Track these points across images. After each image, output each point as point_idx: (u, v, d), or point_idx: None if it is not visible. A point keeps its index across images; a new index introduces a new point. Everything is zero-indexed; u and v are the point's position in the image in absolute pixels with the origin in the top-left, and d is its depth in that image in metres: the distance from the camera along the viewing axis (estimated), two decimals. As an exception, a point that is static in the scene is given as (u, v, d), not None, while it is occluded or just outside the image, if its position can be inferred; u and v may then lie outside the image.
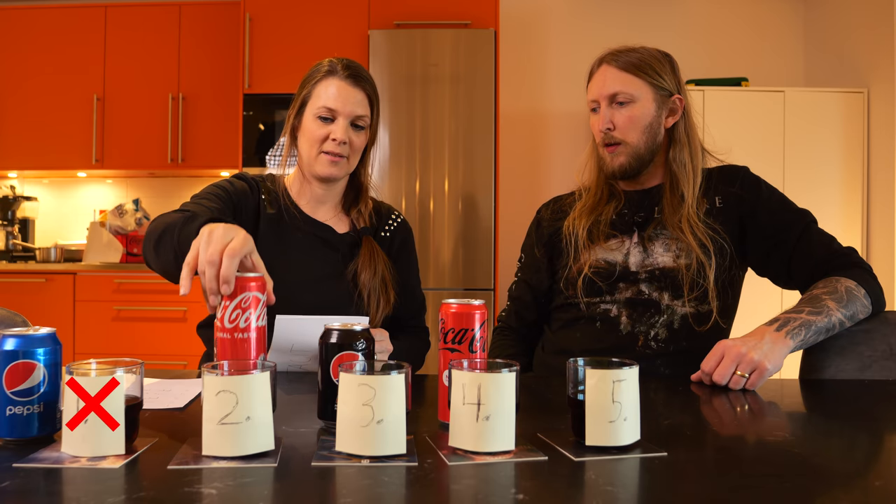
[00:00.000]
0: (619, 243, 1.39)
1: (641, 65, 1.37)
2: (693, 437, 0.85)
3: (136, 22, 3.77)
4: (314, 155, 1.37)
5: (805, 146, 3.46)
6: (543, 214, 1.56)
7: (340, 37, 3.42)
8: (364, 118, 1.38)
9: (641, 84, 1.37)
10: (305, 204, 1.45)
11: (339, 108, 1.35)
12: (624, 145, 1.38)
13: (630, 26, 3.90)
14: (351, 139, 1.36)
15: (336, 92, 1.35)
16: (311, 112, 1.37)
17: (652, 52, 1.40)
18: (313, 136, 1.36)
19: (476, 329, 0.85)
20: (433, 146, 3.29)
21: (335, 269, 1.39)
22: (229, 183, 1.39)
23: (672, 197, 1.38)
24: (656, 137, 1.39)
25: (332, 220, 1.45)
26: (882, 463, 0.80)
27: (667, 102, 1.39)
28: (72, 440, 0.71)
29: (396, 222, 1.51)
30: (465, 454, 0.73)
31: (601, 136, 1.40)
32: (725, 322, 1.38)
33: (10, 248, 3.92)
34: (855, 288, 1.24)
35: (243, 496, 0.62)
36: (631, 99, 1.36)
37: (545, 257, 1.50)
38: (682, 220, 1.34)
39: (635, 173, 1.40)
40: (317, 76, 1.38)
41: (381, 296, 1.38)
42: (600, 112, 1.40)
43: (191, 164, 3.77)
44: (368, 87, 1.38)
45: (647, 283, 1.36)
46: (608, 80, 1.38)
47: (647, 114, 1.37)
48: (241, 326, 0.90)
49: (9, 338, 0.76)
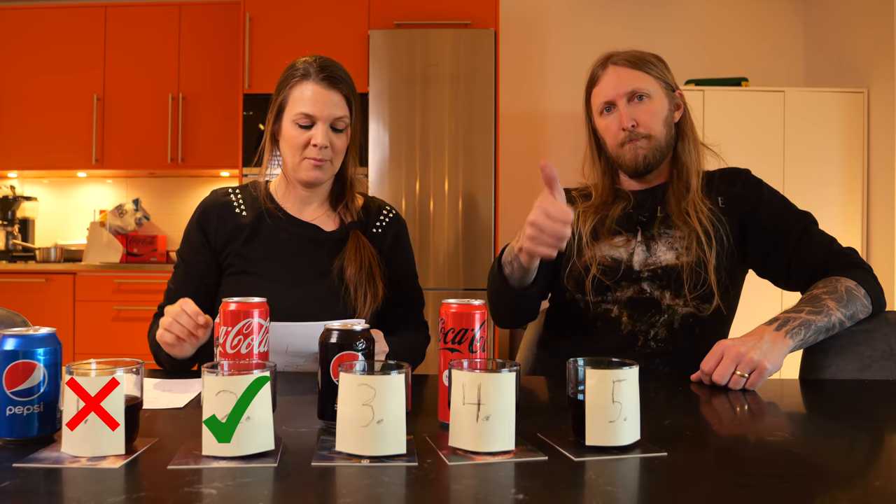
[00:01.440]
0: (624, 241, 1.39)
1: (646, 62, 1.40)
2: (693, 437, 0.85)
3: (136, 22, 3.77)
4: (297, 161, 1.37)
5: (805, 146, 3.46)
6: None
7: (340, 37, 3.42)
8: (343, 119, 1.37)
9: (652, 80, 1.39)
10: (291, 206, 1.45)
11: (317, 112, 1.34)
12: (648, 139, 1.38)
13: (630, 26, 3.90)
14: (332, 142, 1.36)
15: (312, 96, 1.33)
16: (289, 118, 1.36)
17: (647, 53, 1.43)
18: (294, 143, 1.36)
19: (476, 329, 0.85)
20: (433, 146, 3.29)
21: (321, 266, 1.38)
22: (192, 221, 1.44)
23: (678, 187, 1.39)
24: (671, 131, 1.41)
25: (319, 219, 1.45)
26: (882, 463, 0.80)
27: (672, 97, 1.42)
28: (72, 440, 0.71)
29: (388, 217, 1.50)
30: (465, 454, 0.73)
31: (623, 134, 1.38)
32: (726, 322, 1.38)
33: (10, 248, 3.92)
34: (855, 288, 1.24)
35: (243, 496, 0.62)
36: (648, 94, 1.38)
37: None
38: (688, 205, 1.36)
39: (655, 166, 1.40)
40: (291, 80, 1.37)
41: (368, 289, 1.37)
42: (619, 111, 1.38)
43: (191, 164, 3.77)
44: (345, 86, 1.37)
45: (649, 281, 1.35)
46: (622, 78, 1.38)
47: (663, 107, 1.39)
48: (242, 353, 0.92)
49: (9, 338, 0.76)
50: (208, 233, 1.41)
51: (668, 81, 1.41)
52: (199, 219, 1.43)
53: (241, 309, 0.92)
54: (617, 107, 1.39)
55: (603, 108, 1.41)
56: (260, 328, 0.93)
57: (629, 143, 1.38)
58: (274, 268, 1.37)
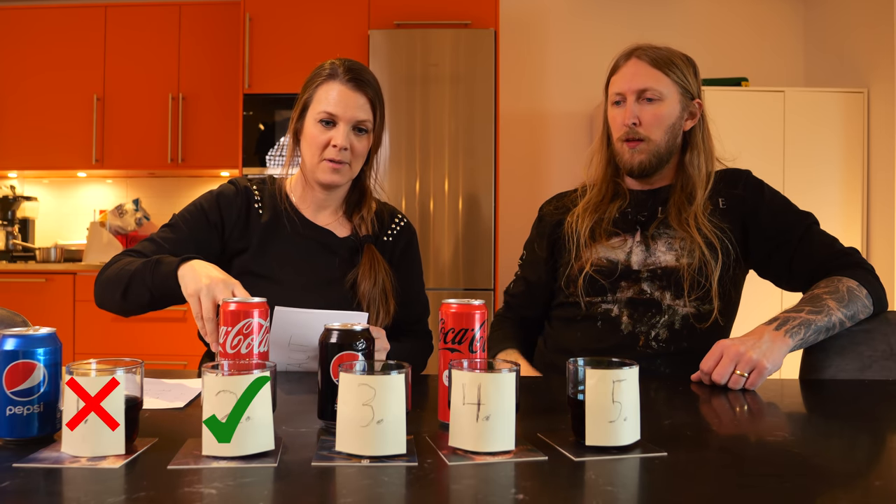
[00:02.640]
0: (621, 241, 1.39)
1: (670, 63, 1.37)
2: (693, 437, 0.85)
3: (136, 22, 3.77)
4: (316, 161, 1.35)
5: (805, 146, 3.46)
6: (546, 210, 1.55)
7: (340, 37, 3.42)
8: (366, 122, 1.35)
9: (669, 83, 1.36)
10: (307, 208, 1.43)
11: (340, 113, 1.33)
12: (647, 142, 1.36)
13: (630, 26, 3.90)
14: (353, 144, 1.34)
15: (337, 97, 1.33)
16: (312, 116, 1.35)
17: (677, 53, 1.40)
18: (315, 142, 1.34)
19: (476, 329, 0.85)
20: (433, 146, 3.28)
21: (334, 273, 1.38)
22: (210, 197, 1.40)
23: (681, 198, 1.37)
24: (676, 139, 1.39)
25: (333, 224, 1.43)
26: (882, 463, 0.80)
27: (688, 105, 1.39)
28: (72, 440, 0.71)
29: (400, 225, 1.49)
30: (465, 454, 0.73)
31: (624, 130, 1.37)
32: (726, 322, 1.38)
33: (10, 248, 3.92)
34: (857, 288, 1.24)
35: (243, 496, 0.62)
36: (659, 96, 1.35)
37: (546, 251, 1.49)
38: (690, 218, 1.34)
39: (651, 172, 1.39)
40: (318, 79, 1.36)
41: (381, 306, 1.36)
42: (626, 106, 1.37)
43: (191, 164, 3.76)
44: (371, 90, 1.36)
45: (649, 282, 1.35)
46: (639, 74, 1.36)
47: (672, 113, 1.37)
48: (242, 353, 0.92)
49: (9, 338, 0.76)
50: (226, 218, 1.38)
51: (689, 88, 1.38)
52: (220, 199, 1.39)
53: (241, 309, 0.92)
54: (626, 101, 1.37)
55: (615, 98, 1.40)
56: (260, 328, 0.93)
57: (628, 141, 1.37)
58: (286, 271, 1.36)
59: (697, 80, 1.41)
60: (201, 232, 1.37)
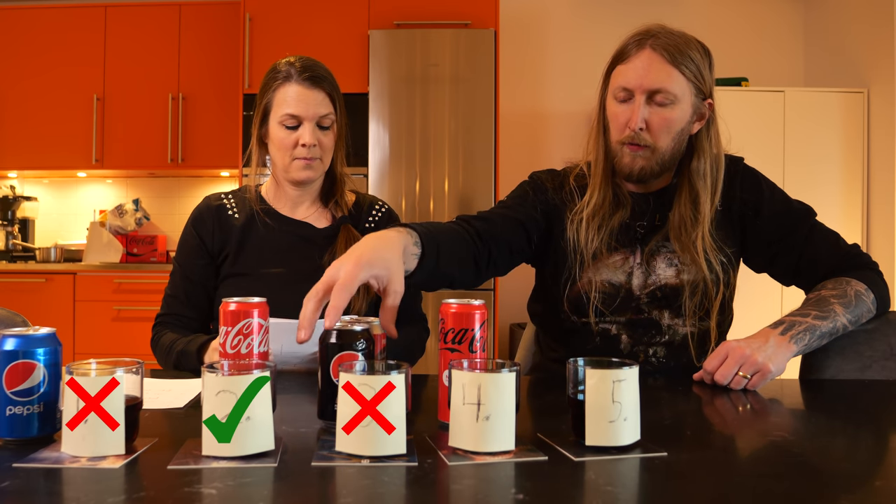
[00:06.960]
0: (622, 259, 1.30)
1: (686, 58, 1.22)
2: (693, 437, 0.85)
3: (136, 22, 3.77)
4: (287, 162, 1.39)
5: (805, 146, 3.46)
6: (544, 179, 1.38)
7: (340, 37, 3.42)
8: (328, 116, 1.39)
9: (684, 82, 1.21)
10: (283, 206, 1.47)
11: (303, 112, 1.36)
12: (652, 150, 1.23)
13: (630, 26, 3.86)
14: (320, 140, 1.38)
15: (296, 97, 1.36)
16: (275, 120, 1.38)
17: (694, 42, 1.25)
18: (283, 144, 1.38)
19: (476, 329, 0.85)
20: (433, 146, 3.28)
21: (314, 263, 1.39)
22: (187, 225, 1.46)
23: (685, 212, 1.26)
24: (682, 144, 1.27)
25: (311, 217, 1.47)
26: (882, 463, 0.80)
27: (699, 106, 1.26)
28: (72, 440, 0.71)
29: (381, 212, 1.51)
30: (465, 454, 0.73)
31: (628, 133, 1.23)
32: (725, 329, 1.36)
33: (10, 248, 3.91)
34: (864, 292, 1.23)
35: (243, 496, 0.62)
36: (673, 99, 1.20)
37: (542, 217, 1.34)
38: (697, 240, 1.25)
39: (651, 178, 1.28)
40: (274, 83, 1.39)
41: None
42: (634, 105, 1.22)
43: (191, 164, 3.77)
44: (327, 84, 1.39)
45: (648, 303, 1.30)
46: (653, 71, 1.20)
47: (683, 118, 1.23)
48: (242, 352, 0.92)
49: (9, 338, 0.76)
50: (204, 236, 1.44)
51: (702, 86, 1.24)
52: (194, 222, 1.46)
53: (241, 309, 0.93)
54: (633, 100, 1.22)
55: (621, 94, 1.24)
56: (260, 328, 0.94)
57: (630, 146, 1.24)
58: (268, 268, 1.40)
59: (712, 76, 1.26)
60: (193, 262, 1.44)
